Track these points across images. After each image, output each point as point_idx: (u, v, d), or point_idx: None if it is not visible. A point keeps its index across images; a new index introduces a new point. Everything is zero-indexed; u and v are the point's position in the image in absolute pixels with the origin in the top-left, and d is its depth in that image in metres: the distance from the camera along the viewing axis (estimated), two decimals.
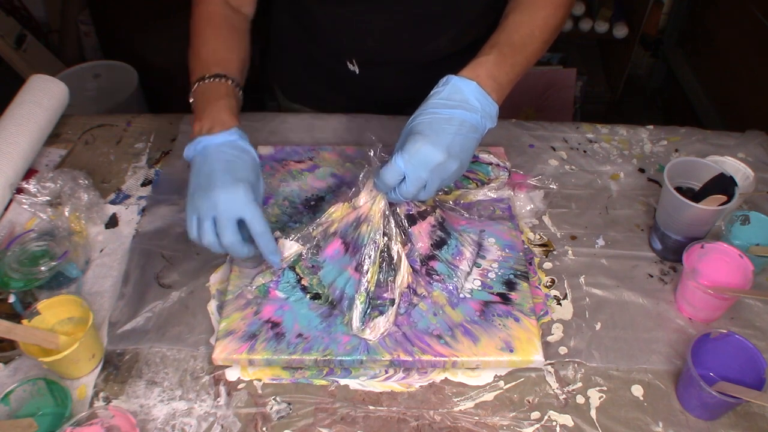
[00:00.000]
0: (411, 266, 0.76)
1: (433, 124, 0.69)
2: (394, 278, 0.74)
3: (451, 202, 0.86)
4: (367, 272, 0.73)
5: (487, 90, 0.71)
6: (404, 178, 0.68)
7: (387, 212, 0.75)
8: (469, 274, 0.78)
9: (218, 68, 0.79)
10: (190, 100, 0.79)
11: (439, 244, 0.78)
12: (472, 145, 0.71)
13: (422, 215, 0.78)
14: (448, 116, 0.69)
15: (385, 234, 0.75)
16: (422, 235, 0.77)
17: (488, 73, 0.72)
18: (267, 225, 0.70)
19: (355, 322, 0.72)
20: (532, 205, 0.90)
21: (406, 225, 0.76)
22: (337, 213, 0.78)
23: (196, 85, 0.78)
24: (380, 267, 0.75)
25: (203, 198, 0.69)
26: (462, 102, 0.70)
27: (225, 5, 0.88)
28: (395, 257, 0.74)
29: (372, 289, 0.73)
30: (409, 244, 0.76)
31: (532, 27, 0.78)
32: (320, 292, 0.76)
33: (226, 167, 0.70)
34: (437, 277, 0.77)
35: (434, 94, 0.72)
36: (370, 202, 0.75)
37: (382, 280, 0.75)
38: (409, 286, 0.75)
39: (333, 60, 1.00)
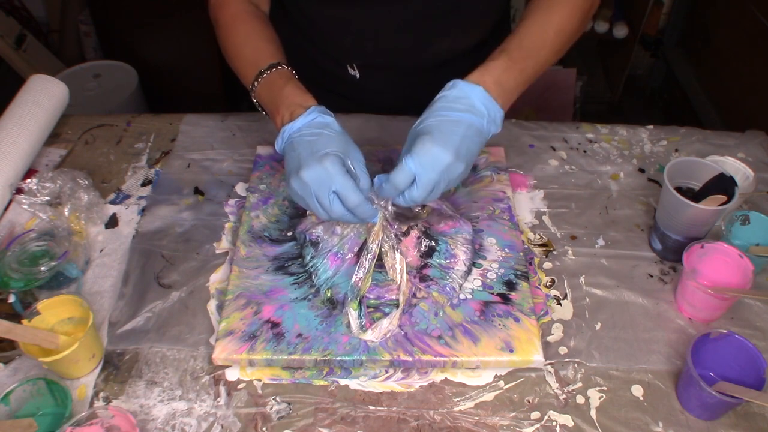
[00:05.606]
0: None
1: (442, 127, 0.69)
2: (398, 284, 0.74)
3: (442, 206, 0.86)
4: (360, 281, 0.74)
5: (494, 95, 0.71)
6: (413, 181, 0.68)
7: (386, 224, 0.75)
8: (468, 272, 0.78)
9: (270, 59, 0.79)
10: (255, 101, 0.79)
11: (428, 253, 0.78)
12: (477, 149, 0.71)
13: (406, 233, 0.78)
14: (455, 119, 0.69)
15: (384, 243, 0.75)
16: (409, 249, 0.78)
17: (495, 78, 0.72)
18: (358, 193, 0.69)
19: (354, 328, 0.72)
20: (532, 205, 0.90)
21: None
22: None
23: (255, 83, 0.78)
24: (379, 272, 0.75)
25: (296, 180, 0.70)
26: (469, 106, 0.70)
27: (245, 2, 0.88)
28: (398, 268, 0.74)
29: (363, 294, 0.74)
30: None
31: (546, 32, 0.78)
32: (323, 292, 0.76)
33: (309, 148, 0.70)
34: (432, 281, 0.77)
35: (441, 97, 0.72)
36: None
37: (381, 283, 0.75)
38: (409, 291, 0.75)
39: (333, 64, 1.00)
